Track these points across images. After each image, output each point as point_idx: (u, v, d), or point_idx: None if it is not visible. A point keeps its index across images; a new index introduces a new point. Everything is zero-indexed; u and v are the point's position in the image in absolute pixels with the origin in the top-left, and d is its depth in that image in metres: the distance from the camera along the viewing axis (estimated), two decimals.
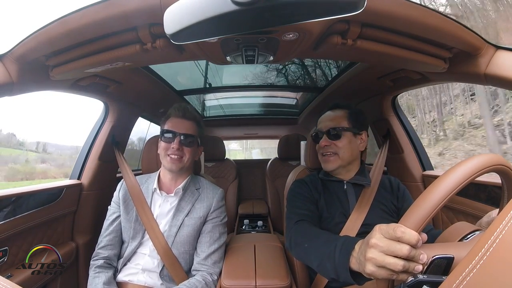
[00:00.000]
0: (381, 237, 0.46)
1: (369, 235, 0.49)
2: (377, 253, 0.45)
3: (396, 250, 0.43)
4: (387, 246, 0.44)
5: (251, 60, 0.73)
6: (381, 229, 0.47)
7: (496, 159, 0.46)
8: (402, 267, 0.42)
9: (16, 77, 0.75)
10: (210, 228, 1.05)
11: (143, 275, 0.99)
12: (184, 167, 1.04)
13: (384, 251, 0.44)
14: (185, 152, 1.02)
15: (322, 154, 1.02)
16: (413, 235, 0.43)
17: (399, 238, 0.43)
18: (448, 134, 10.17)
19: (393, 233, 0.44)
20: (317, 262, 0.69)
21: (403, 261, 0.43)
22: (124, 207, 1.06)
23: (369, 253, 0.46)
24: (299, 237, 0.82)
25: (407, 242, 0.43)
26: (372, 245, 0.46)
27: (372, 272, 0.46)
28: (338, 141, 0.98)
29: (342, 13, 0.34)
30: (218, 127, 2.76)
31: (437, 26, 0.64)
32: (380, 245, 0.45)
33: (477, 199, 1.03)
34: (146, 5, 0.56)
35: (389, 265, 0.43)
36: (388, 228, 0.45)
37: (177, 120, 1.03)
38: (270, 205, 2.48)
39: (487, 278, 0.31)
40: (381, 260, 0.44)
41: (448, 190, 0.43)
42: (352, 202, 0.98)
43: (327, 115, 1.06)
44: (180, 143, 1.00)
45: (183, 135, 1.01)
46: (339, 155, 0.98)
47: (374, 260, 0.45)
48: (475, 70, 0.76)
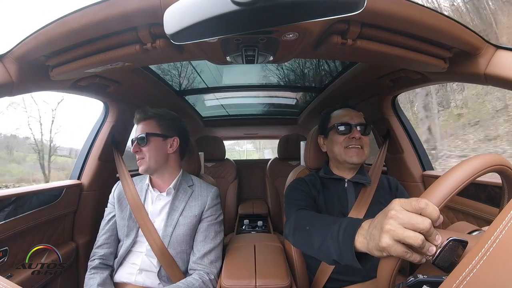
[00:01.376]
0: (401, 209, 0.43)
1: (387, 208, 0.46)
2: (396, 224, 0.42)
3: (417, 222, 0.41)
4: (408, 218, 0.42)
5: (251, 60, 0.73)
6: (401, 201, 0.44)
7: (496, 159, 0.46)
8: (422, 242, 0.40)
9: (16, 77, 0.75)
10: (205, 226, 1.05)
11: (140, 275, 0.99)
12: (151, 166, 1.03)
13: (404, 223, 0.42)
14: (144, 152, 1.03)
15: (350, 146, 0.98)
16: (436, 209, 0.41)
17: (422, 210, 0.41)
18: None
19: (417, 203, 0.42)
20: (319, 244, 0.65)
21: (423, 236, 0.40)
22: (118, 206, 1.07)
23: (388, 225, 0.43)
24: (300, 221, 0.80)
25: (428, 216, 0.41)
26: (392, 216, 0.43)
27: (388, 245, 0.43)
28: (366, 137, 1.00)
29: (342, 13, 0.34)
30: (218, 127, 2.76)
31: (437, 26, 0.64)
32: (400, 216, 0.42)
33: (477, 199, 1.03)
34: (146, 5, 0.56)
35: (409, 238, 0.41)
36: (410, 200, 0.43)
37: (137, 127, 1.08)
38: (270, 205, 2.48)
39: (487, 278, 0.31)
40: (401, 233, 0.41)
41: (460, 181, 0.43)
42: (351, 201, 0.99)
43: (349, 111, 1.05)
44: (137, 146, 1.03)
45: (137, 139, 1.04)
46: (364, 151, 0.98)
47: (392, 232, 0.42)
48: (475, 70, 0.77)
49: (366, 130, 1.01)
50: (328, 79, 1.64)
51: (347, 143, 0.99)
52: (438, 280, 0.39)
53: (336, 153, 1.02)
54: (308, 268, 1.05)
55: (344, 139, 1.00)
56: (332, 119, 1.06)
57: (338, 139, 1.01)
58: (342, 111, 1.06)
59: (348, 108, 1.07)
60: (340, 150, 1.00)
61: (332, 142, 1.03)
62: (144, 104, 1.51)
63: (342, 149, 1.00)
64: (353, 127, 0.99)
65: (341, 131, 1.00)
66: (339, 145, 1.00)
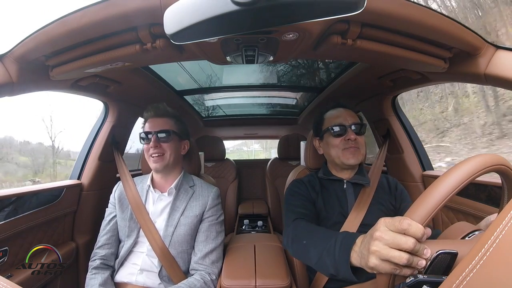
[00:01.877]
0: (386, 230, 0.45)
1: (373, 228, 0.48)
2: (381, 245, 0.44)
3: (401, 242, 0.42)
4: (392, 238, 0.43)
5: (251, 60, 0.73)
6: (386, 222, 0.46)
7: (496, 159, 0.46)
8: (407, 261, 0.42)
9: (16, 77, 0.75)
10: (207, 227, 1.05)
11: (141, 275, 0.99)
12: (169, 164, 1.04)
13: (389, 244, 0.44)
14: (165, 148, 1.02)
15: (346, 148, 0.97)
16: (419, 228, 0.42)
17: (405, 230, 0.42)
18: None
19: (399, 225, 0.43)
20: (316, 259, 0.68)
21: (408, 254, 0.42)
22: (119, 206, 1.07)
23: (373, 246, 0.45)
24: (297, 234, 0.81)
25: (412, 235, 0.42)
26: (376, 237, 0.45)
27: (376, 265, 0.45)
28: (361, 137, 0.98)
29: (342, 13, 0.34)
30: (218, 127, 2.76)
31: (437, 26, 0.64)
32: (385, 237, 0.44)
33: (477, 199, 1.02)
34: (146, 5, 0.56)
35: (394, 258, 0.42)
36: (394, 220, 0.45)
37: (152, 120, 1.06)
38: (270, 205, 2.48)
39: (487, 278, 0.31)
40: (386, 253, 0.43)
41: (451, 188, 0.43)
42: (351, 202, 0.98)
43: (343, 111, 1.02)
44: (156, 141, 1.01)
45: (158, 132, 1.02)
46: (361, 151, 0.97)
47: (378, 253, 0.44)
48: (475, 70, 0.76)
49: (362, 129, 0.99)
50: (328, 79, 1.64)
51: (344, 145, 0.97)
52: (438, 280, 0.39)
53: (333, 156, 1.00)
54: (308, 268, 1.05)
55: (340, 141, 0.98)
56: (325, 120, 1.04)
57: (334, 141, 0.99)
58: (335, 112, 1.03)
59: (341, 107, 1.05)
60: (338, 152, 0.98)
61: (328, 145, 1.01)
62: (144, 104, 1.52)
63: (339, 151, 0.98)
64: (348, 128, 0.97)
65: (336, 133, 0.98)
66: (336, 147, 0.98)
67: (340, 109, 1.04)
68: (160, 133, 1.02)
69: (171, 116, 1.09)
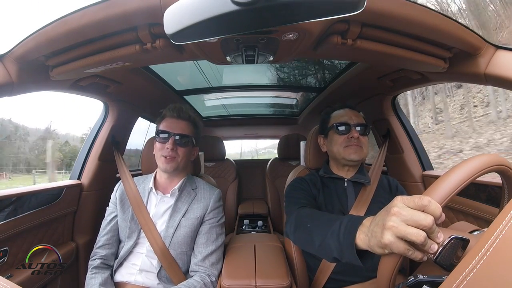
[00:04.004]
0: (403, 206, 0.43)
1: (389, 205, 0.46)
2: (399, 221, 0.42)
3: (420, 219, 0.40)
4: (411, 215, 0.41)
5: (251, 60, 0.73)
6: (404, 199, 0.44)
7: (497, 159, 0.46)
8: (424, 239, 0.40)
9: (16, 77, 0.75)
10: (207, 229, 1.05)
11: (140, 275, 0.99)
12: (179, 167, 1.04)
13: (407, 219, 0.42)
14: (179, 153, 1.01)
15: (349, 145, 0.99)
16: (438, 206, 0.41)
17: (425, 207, 0.41)
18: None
19: (419, 201, 0.42)
20: (319, 241, 0.65)
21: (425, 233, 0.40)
22: (120, 207, 1.06)
23: (390, 221, 0.43)
24: (301, 219, 0.81)
25: (431, 213, 0.41)
26: (394, 212, 0.43)
27: (390, 242, 0.43)
28: (364, 137, 1.00)
29: (342, 13, 0.34)
30: (218, 127, 2.76)
31: (437, 26, 0.64)
32: (403, 213, 0.42)
33: (477, 199, 1.03)
34: (146, 5, 0.56)
35: (411, 235, 0.40)
36: (413, 197, 0.43)
37: (172, 120, 1.03)
38: (270, 205, 2.48)
39: (487, 278, 0.31)
40: (403, 229, 0.41)
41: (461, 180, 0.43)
42: (351, 201, 0.99)
43: (349, 111, 1.05)
44: (174, 143, 1.00)
45: (177, 135, 1.00)
46: (363, 149, 0.99)
47: (395, 229, 0.42)
48: (475, 70, 0.76)
49: (366, 130, 1.02)
50: (328, 79, 1.64)
51: (346, 143, 1.00)
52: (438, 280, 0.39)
53: (335, 152, 1.03)
54: (308, 268, 1.05)
55: (343, 139, 1.01)
56: (331, 119, 1.07)
57: (337, 139, 1.02)
58: (341, 111, 1.06)
59: (347, 108, 1.08)
60: (339, 149, 1.01)
61: (332, 142, 1.04)
62: (144, 104, 1.52)
63: (341, 148, 1.00)
64: (352, 127, 1.00)
65: (340, 131, 1.01)
66: (338, 145, 1.01)
67: (346, 109, 1.07)
68: (180, 136, 1.01)
69: (191, 120, 1.07)
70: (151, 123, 2.05)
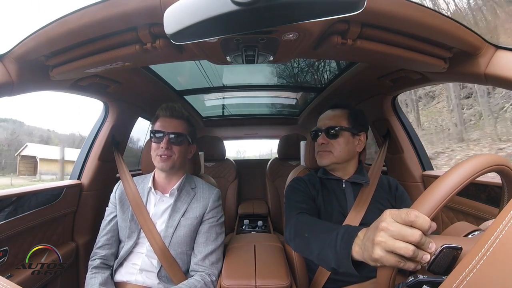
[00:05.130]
0: (392, 221, 0.44)
1: (378, 219, 0.47)
2: (387, 236, 0.44)
3: (407, 234, 0.41)
4: (398, 230, 0.43)
5: (251, 60, 0.74)
6: (392, 213, 0.45)
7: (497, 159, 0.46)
8: (413, 252, 0.41)
9: (16, 77, 0.75)
10: (207, 228, 1.05)
11: (141, 275, 0.99)
12: (175, 166, 1.04)
13: (394, 235, 0.43)
14: (174, 151, 1.02)
15: (318, 151, 1.03)
16: (426, 220, 0.41)
17: (412, 222, 0.42)
18: None
19: (406, 216, 0.42)
20: (318, 251, 0.67)
21: (414, 246, 0.41)
22: (120, 207, 1.07)
23: (379, 237, 0.44)
24: (299, 227, 0.81)
25: (419, 227, 0.41)
26: (382, 228, 0.44)
27: (380, 257, 0.44)
28: (335, 140, 0.99)
29: (342, 13, 0.34)
30: (218, 127, 2.76)
31: (437, 26, 0.64)
32: (390, 228, 0.43)
33: (477, 199, 1.02)
34: (146, 5, 0.56)
35: (399, 250, 0.42)
36: (400, 212, 0.44)
37: (165, 120, 1.04)
38: (270, 205, 2.48)
39: (487, 278, 0.31)
40: (391, 244, 0.43)
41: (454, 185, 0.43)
42: (350, 201, 0.99)
43: (327, 113, 1.06)
44: (168, 142, 1.00)
45: (171, 134, 1.01)
46: (333, 153, 0.99)
47: (383, 244, 0.44)
48: (475, 70, 0.76)
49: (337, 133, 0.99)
50: (328, 79, 1.64)
51: (317, 149, 1.04)
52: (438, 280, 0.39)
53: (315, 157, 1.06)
54: (308, 268, 1.05)
55: (316, 145, 1.05)
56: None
57: (313, 145, 1.07)
58: (322, 115, 1.08)
59: (330, 109, 1.07)
60: (316, 154, 1.05)
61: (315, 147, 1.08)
62: (144, 104, 1.52)
63: (316, 155, 1.05)
64: (321, 133, 1.02)
65: (313, 137, 1.07)
66: (315, 150, 1.06)
67: (328, 111, 1.07)
68: (173, 135, 1.01)
69: (185, 119, 1.08)
70: (151, 123, 2.05)
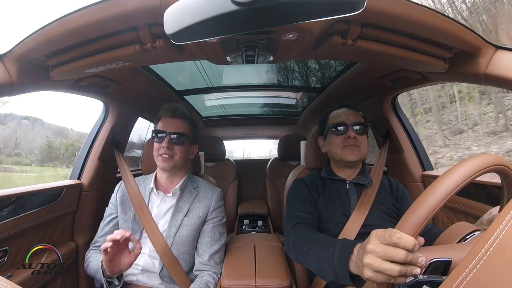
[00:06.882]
0: (377, 243, 0.47)
1: (366, 241, 0.50)
2: (374, 258, 0.46)
3: (392, 255, 0.44)
4: (384, 251, 0.45)
5: (251, 60, 0.73)
6: (378, 234, 0.48)
7: (496, 159, 0.46)
8: (399, 272, 0.43)
9: (16, 77, 0.75)
10: (210, 228, 1.05)
11: (143, 275, 0.99)
12: (177, 165, 1.04)
13: (380, 256, 0.45)
14: (176, 151, 1.02)
15: (346, 145, 0.99)
16: (409, 241, 0.43)
17: (395, 244, 0.44)
18: None
19: (389, 239, 0.45)
20: (317, 266, 0.69)
21: (400, 266, 0.44)
22: (121, 208, 1.06)
23: (366, 259, 0.47)
24: (297, 241, 0.82)
25: (403, 248, 0.44)
26: (368, 250, 0.47)
27: (370, 277, 0.47)
28: (361, 137, 1.00)
29: (342, 13, 0.34)
30: (218, 127, 2.76)
31: (437, 26, 0.64)
32: (376, 250, 0.46)
33: (477, 199, 1.02)
34: (146, 5, 0.56)
35: (386, 271, 0.44)
36: (385, 233, 0.46)
37: (167, 120, 1.04)
38: (270, 205, 2.48)
39: (487, 278, 0.31)
40: (378, 266, 0.45)
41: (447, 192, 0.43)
42: (353, 202, 0.98)
43: (346, 111, 1.05)
44: (170, 142, 1.00)
45: (173, 133, 1.01)
46: (361, 149, 0.99)
47: (371, 266, 0.46)
48: (475, 70, 0.76)
49: (364, 130, 1.01)
50: (328, 79, 1.64)
51: (344, 143, 0.99)
52: (438, 280, 0.39)
53: (333, 153, 1.02)
54: (308, 269, 1.05)
55: (341, 139, 1.00)
56: (329, 119, 1.07)
57: (335, 139, 1.01)
58: (339, 111, 1.06)
59: (345, 107, 1.07)
60: (337, 150, 1.00)
61: (330, 143, 1.04)
62: (144, 104, 1.52)
63: (339, 149, 1.00)
64: (349, 127, 0.99)
65: (337, 131, 1.01)
66: (336, 146, 1.01)
67: (344, 109, 1.06)
68: (175, 135, 1.01)
69: (187, 119, 1.08)
70: (151, 123, 2.05)
